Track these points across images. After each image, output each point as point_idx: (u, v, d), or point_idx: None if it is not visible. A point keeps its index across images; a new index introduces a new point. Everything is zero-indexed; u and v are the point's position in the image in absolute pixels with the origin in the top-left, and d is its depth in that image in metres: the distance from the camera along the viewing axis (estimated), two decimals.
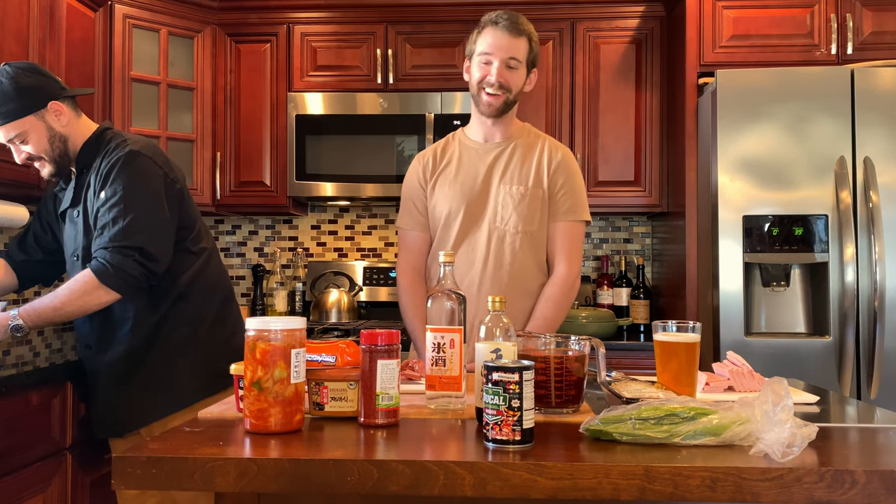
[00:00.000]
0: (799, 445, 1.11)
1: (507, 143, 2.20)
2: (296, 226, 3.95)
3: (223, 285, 2.31)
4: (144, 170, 2.09)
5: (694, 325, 1.50)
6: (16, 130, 2.07)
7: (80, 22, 2.93)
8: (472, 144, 2.22)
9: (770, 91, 2.88)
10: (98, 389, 2.18)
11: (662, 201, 3.48)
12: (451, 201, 2.17)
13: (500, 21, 2.11)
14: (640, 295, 3.63)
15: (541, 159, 2.18)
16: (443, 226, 2.18)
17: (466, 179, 2.17)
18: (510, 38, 2.09)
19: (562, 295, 2.14)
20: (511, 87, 2.11)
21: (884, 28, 3.10)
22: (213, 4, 3.56)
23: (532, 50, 2.14)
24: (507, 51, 2.09)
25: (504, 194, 2.15)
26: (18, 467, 2.06)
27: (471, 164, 2.19)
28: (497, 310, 1.42)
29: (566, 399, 1.41)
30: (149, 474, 1.12)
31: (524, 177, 2.16)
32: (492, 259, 2.13)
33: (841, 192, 2.80)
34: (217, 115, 3.58)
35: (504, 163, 2.18)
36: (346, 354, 1.42)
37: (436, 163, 2.23)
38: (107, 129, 2.21)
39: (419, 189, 2.23)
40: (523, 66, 2.13)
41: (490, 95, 2.11)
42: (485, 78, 2.11)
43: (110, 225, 2.03)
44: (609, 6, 3.51)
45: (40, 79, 2.10)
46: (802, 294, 2.94)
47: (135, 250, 2.01)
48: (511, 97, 2.13)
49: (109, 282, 2.00)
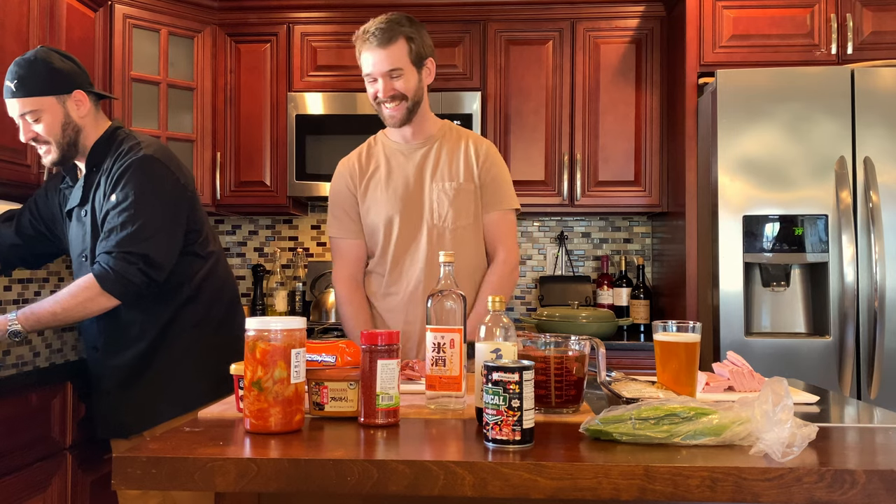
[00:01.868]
0: (799, 445, 1.11)
1: (432, 142, 2.22)
2: (296, 226, 3.95)
3: (229, 288, 2.31)
4: (157, 175, 2.09)
5: (694, 325, 1.50)
6: (32, 107, 2.06)
7: (80, 22, 2.93)
8: (395, 146, 2.22)
9: (770, 91, 2.88)
10: (103, 391, 2.17)
11: (662, 201, 3.48)
12: (388, 205, 2.17)
13: (367, 35, 2.09)
14: (640, 295, 3.63)
15: (468, 154, 2.20)
16: (383, 230, 2.18)
17: (398, 182, 2.18)
18: (382, 50, 2.08)
19: (502, 278, 2.18)
20: (404, 92, 2.11)
21: (884, 28, 3.10)
22: (213, 4, 3.56)
23: (413, 47, 2.10)
24: (384, 64, 2.08)
25: (438, 191, 2.17)
26: (18, 467, 2.06)
27: (399, 167, 2.20)
28: (497, 310, 1.42)
29: (566, 399, 1.41)
30: (149, 474, 1.12)
31: (454, 173, 2.18)
32: (434, 257, 2.13)
33: (841, 192, 2.80)
34: (217, 115, 3.58)
35: (433, 161, 2.19)
36: (346, 354, 1.42)
37: (363, 168, 2.23)
38: (118, 128, 2.20)
39: (349, 196, 2.23)
40: (409, 68, 2.11)
41: (389, 108, 2.12)
42: (376, 95, 2.12)
43: (118, 229, 2.02)
44: (609, 6, 3.51)
45: (72, 66, 2.12)
46: (802, 294, 2.94)
47: (139, 258, 2.01)
48: (410, 103, 2.13)
49: (111, 288, 2.00)
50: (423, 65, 2.15)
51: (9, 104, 2.10)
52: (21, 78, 2.05)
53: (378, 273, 2.21)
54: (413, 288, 2.15)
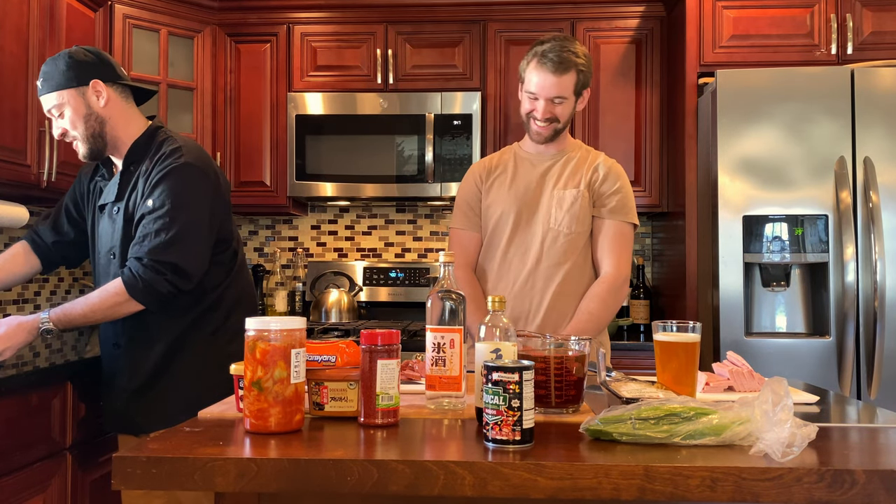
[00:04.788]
0: (799, 445, 1.11)
1: (561, 155, 2.28)
2: (296, 226, 3.95)
3: (248, 299, 2.31)
4: (195, 184, 2.09)
5: (694, 325, 1.50)
6: (56, 101, 2.10)
7: (80, 22, 2.93)
8: (526, 156, 2.30)
9: (770, 91, 2.88)
10: (119, 388, 2.15)
11: (662, 201, 3.48)
12: (505, 203, 2.24)
13: (546, 59, 2.14)
14: (640, 295, 3.63)
15: (592, 167, 2.25)
16: (495, 226, 2.25)
17: (520, 184, 2.25)
18: (555, 77, 2.14)
19: (608, 294, 2.17)
20: (559, 118, 2.19)
21: (884, 28, 3.10)
22: (213, 4, 3.56)
23: (580, 79, 2.17)
24: (552, 90, 2.15)
25: (557, 198, 2.21)
26: (18, 467, 2.06)
27: (525, 171, 2.27)
28: (497, 310, 1.42)
29: (566, 399, 1.41)
30: (149, 474, 1.12)
31: (576, 182, 2.23)
32: (544, 259, 2.19)
33: (841, 192, 2.80)
34: (217, 115, 3.58)
35: (558, 170, 2.25)
36: (346, 354, 1.42)
37: (491, 169, 2.32)
38: (159, 128, 2.20)
39: (475, 191, 2.31)
40: (571, 98, 2.18)
41: (539, 126, 2.19)
42: (532, 111, 2.19)
43: (152, 236, 2.03)
44: (609, 6, 3.51)
45: (94, 59, 2.13)
46: (802, 294, 2.94)
47: (169, 267, 2.01)
48: (560, 126, 2.21)
49: (138, 296, 2.02)
50: (582, 94, 2.22)
51: (41, 102, 2.15)
52: (45, 75, 2.11)
53: (488, 267, 2.27)
54: (519, 287, 2.20)
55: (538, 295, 2.19)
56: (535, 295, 2.19)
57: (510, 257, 2.23)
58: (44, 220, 2.36)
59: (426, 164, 3.42)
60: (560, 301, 2.18)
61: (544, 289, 2.18)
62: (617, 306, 2.21)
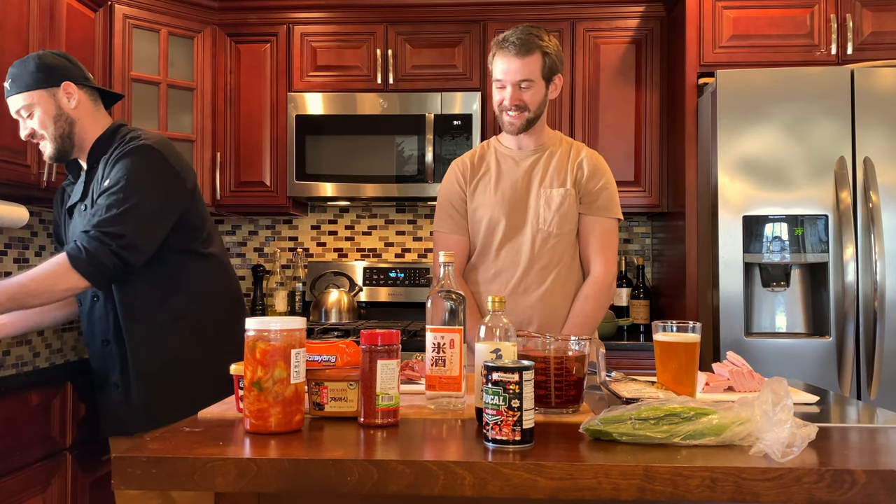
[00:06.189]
0: (799, 445, 1.11)
1: (542, 150, 2.25)
2: (296, 226, 3.95)
3: (232, 290, 2.28)
4: (153, 164, 2.08)
5: (694, 325, 1.50)
6: (25, 101, 2.10)
7: (80, 22, 2.93)
8: (507, 152, 2.27)
9: (770, 91, 2.88)
10: (111, 384, 2.13)
11: (662, 201, 3.48)
12: (493, 207, 2.21)
13: (507, 44, 2.12)
14: (640, 295, 3.63)
15: (577, 162, 2.22)
16: (485, 231, 2.23)
17: (506, 184, 2.22)
18: (519, 60, 2.11)
19: (600, 293, 2.18)
20: (528, 105, 2.15)
21: (884, 28, 3.10)
22: (213, 4, 3.56)
23: (547, 62, 2.14)
24: (517, 74, 2.12)
25: (545, 197, 2.19)
26: (18, 467, 2.07)
27: (509, 171, 2.24)
28: (497, 310, 1.42)
29: (566, 399, 1.41)
30: (149, 474, 1.12)
31: (562, 179, 2.21)
32: (536, 260, 2.18)
33: (841, 193, 2.80)
34: (217, 115, 3.58)
35: (542, 168, 2.23)
36: (346, 354, 1.42)
37: (474, 167, 2.28)
38: (122, 125, 2.21)
39: (459, 192, 2.27)
40: (539, 82, 2.15)
41: (510, 116, 2.16)
42: (502, 102, 2.16)
43: (103, 210, 2.00)
44: (609, 6, 3.51)
45: (64, 62, 2.14)
46: (802, 294, 2.94)
47: (115, 238, 1.96)
48: (531, 114, 2.17)
49: (80, 266, 1.95)
50: (552, 80, 2.19)
51: (8, 104, 2.14)
52: (13, 76, 2.11)
53: (479, 270, 2.25)
54: (511, 289, 2.19)
55: (532, 297, 2.18)
56: (529, 297, 2.18)
57: (501, 261, 2.21)
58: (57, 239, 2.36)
59: (426, 165, 3.42)
60: (553, 302, 2.18)
61: (538, 291, 2.18)
62: (608, 305, 2.24)
